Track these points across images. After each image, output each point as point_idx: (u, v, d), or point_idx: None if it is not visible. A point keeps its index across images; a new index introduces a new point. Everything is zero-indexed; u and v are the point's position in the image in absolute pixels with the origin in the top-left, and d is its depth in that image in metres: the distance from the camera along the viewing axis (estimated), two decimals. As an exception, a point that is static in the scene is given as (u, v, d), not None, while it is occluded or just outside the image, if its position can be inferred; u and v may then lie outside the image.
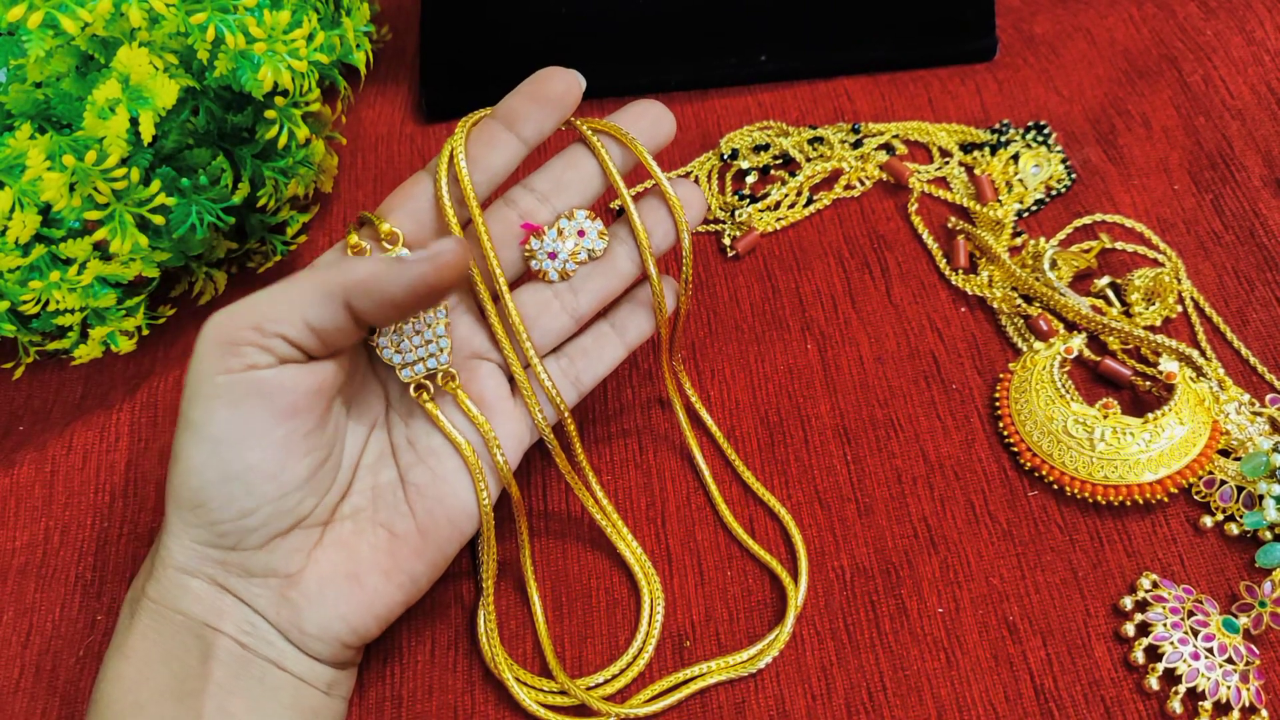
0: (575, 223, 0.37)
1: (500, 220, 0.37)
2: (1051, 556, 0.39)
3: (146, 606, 0.33)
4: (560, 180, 0.38)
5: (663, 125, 0.38)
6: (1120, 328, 0.43)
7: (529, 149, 0.37)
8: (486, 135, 0.36)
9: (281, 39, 0.40)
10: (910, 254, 0.48)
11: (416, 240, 0.36)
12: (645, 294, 0.39)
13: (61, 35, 0.38)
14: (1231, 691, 0.35)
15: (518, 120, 0.36)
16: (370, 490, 0.36)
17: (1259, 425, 0.40)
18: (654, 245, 0.38)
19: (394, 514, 0.35)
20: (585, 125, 0.38)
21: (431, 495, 0.36)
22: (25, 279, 0.40)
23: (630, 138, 0.37)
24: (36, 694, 0.38)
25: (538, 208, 0.38)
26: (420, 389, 0.36)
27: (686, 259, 0.38)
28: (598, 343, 0.39)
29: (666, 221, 0.38)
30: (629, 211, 0.37)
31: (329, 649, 0.34)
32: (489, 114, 0.37)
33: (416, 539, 0.35)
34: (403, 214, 0.36)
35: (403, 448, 0.36)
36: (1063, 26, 0.56)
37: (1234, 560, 0.38)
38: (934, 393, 0.43)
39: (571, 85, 0.36)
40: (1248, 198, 0.47)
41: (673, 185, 0.38)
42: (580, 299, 0.38)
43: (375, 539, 0.35)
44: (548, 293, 0.38)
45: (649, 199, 0.39)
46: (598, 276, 0.38)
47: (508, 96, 0.37)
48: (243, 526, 0.32)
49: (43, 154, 0.38)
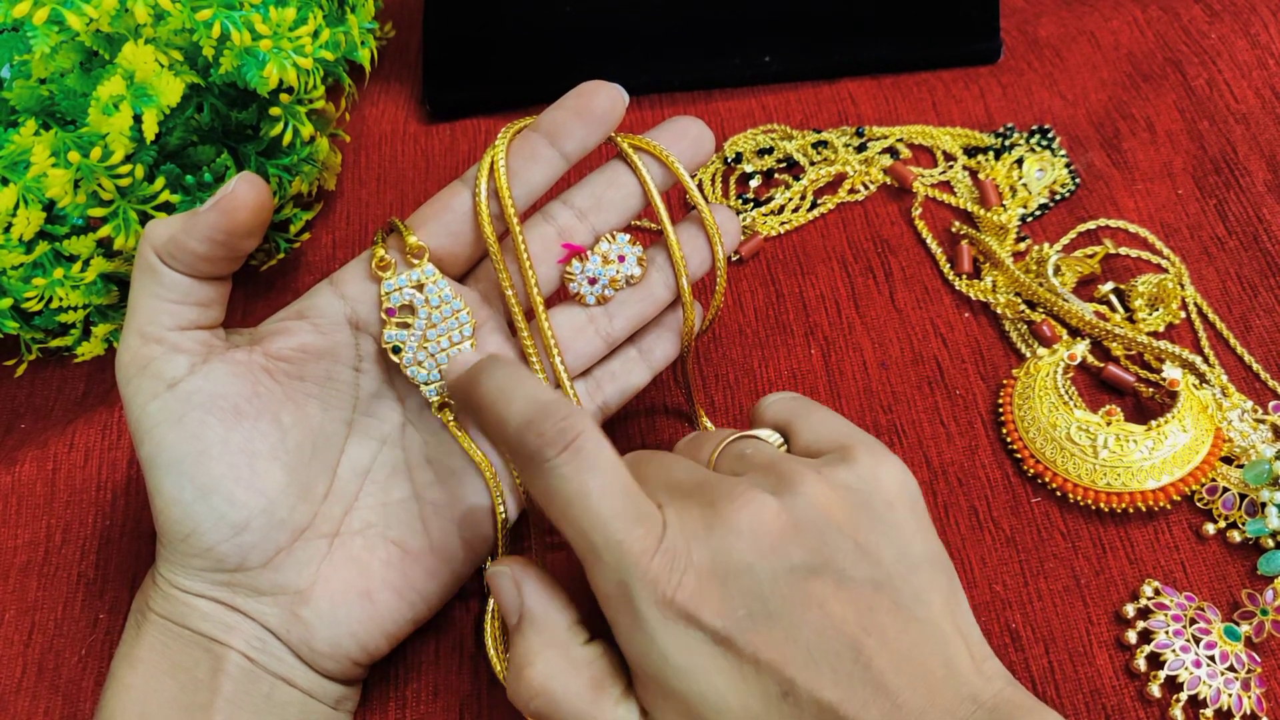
0: (616, 246, 0.37)
1: (537, 236, 0.37)
2: (1054, 563, 0.39)
3: (153, 620, 0.33)
4: (600, 198, 0.37)
5: (703, 146, 0.37)
6: (1123, 334, 0.43)
7: (569, 164, 0.36)
8: (528, 149, 0.36)
9: (287, 36, 0.40)
10: (914, 258, 0.48)
11: (450, 255, 0.36)
12: (672, 318, 0.39)
13: (66, 31, 0.38)
14: (1233, 699, 0.35)
15: (560, 135, 0.35)
16: (381, 506, 0.35)
17: (1262, 433, 0.40)
18: (689, 270, 0.37)
19: (407, 531, 0.35)
20: (626, 142, 0.37)
21: (447, 515, 0.35)
22: (29, 276, 0.40)
23: (673, 160, 0.36)
24: (39, 693, 0.38)
25: (576, 225, 0.37)
26: (444, 407, 0.36)
27: (719, 287, 0.38)
28: (625, 367, 0.39)
29: (702, 246, 0.38)
30: (669, 238, 0.37)
31: (339, 666, 0.34)
32: (530, 125, 0.36)
33: (430, 558, 0.35)
34: (437, 225, 0.35)
35: (420, 465, 0.36)
36: (1067, 30, 0.55)
37: (1236, 568, 0.38)
38: (937, 398, 0.43)
39: (616, 101, 0.36)
40: (1251, 203, 0.47)
41: (711, 210, 0.38)
42: (615, 324, 0.37)
43: (388, 555, 0.35)
44: (582, 316, 0.37)
45: (685, 223, 0.38)
46: (634, 302, 0.37)
47: (550, 109, 0.36)
48: (240, 545, 0.32)
49: (47, 150, 0.38)
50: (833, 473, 0.30)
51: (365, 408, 0.36)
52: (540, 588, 0.30)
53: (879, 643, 0.27)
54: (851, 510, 0.29)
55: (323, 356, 0.35)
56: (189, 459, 0.32)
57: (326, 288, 0.35)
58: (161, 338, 0.32)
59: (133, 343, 0.33)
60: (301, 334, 0.35)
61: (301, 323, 0.35)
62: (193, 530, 0.32)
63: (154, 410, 0.32)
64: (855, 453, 0.30)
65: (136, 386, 0.32)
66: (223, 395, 0.32)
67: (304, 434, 0.34)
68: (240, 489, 0.32)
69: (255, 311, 0.48)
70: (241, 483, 0.32)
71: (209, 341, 0.33)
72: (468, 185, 0.36)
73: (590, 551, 0.28)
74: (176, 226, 0.32)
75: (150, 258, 0.32)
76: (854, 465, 0.30)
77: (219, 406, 0.32)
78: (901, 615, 0.28)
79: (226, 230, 0.32)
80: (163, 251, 0.32)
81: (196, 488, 0.32)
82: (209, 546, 0.32)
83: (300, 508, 0.33)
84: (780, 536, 0.28)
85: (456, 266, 0.36)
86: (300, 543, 0.33)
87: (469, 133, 0.54)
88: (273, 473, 0.33)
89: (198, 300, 0.33)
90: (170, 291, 0.32)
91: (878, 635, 0.27)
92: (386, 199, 0.52)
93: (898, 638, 0.27)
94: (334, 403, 0.35)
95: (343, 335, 0.35)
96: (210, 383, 0.32)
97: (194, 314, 0.33)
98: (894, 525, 0.29)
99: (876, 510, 0.29)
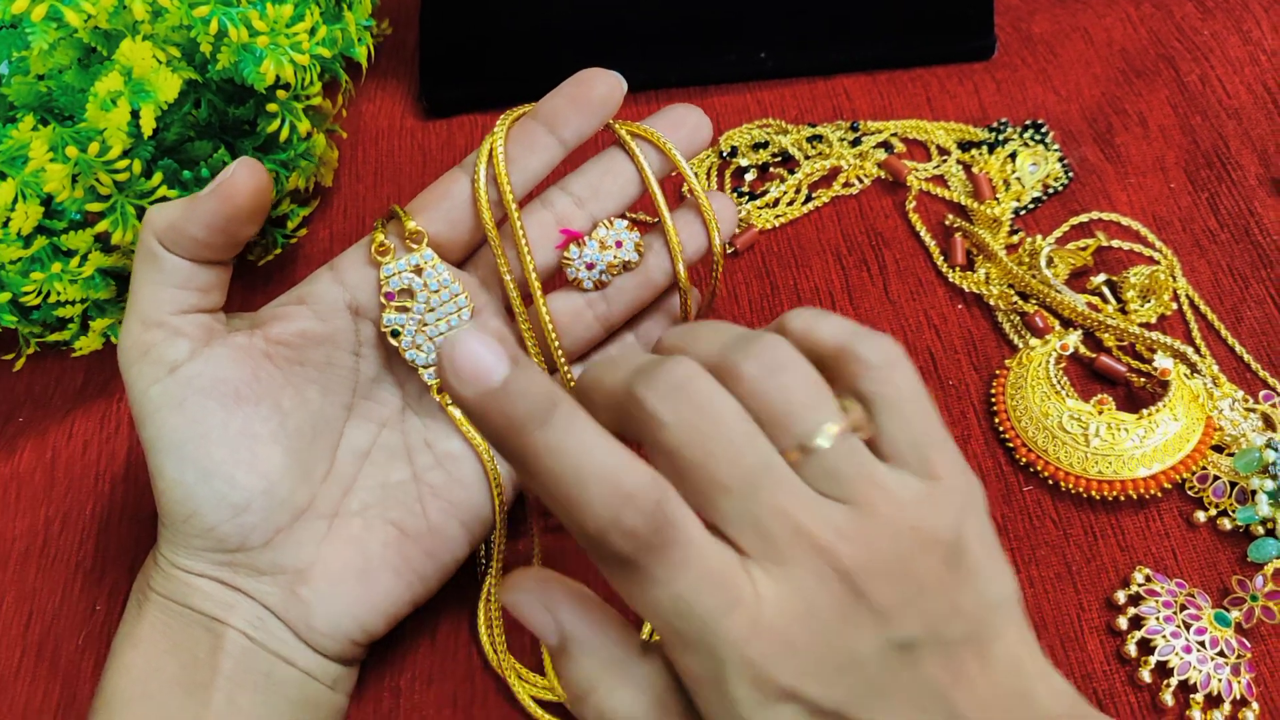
0: (614, 232, 0.37)
1: (536, 222, 0.37)
2: (1046, 551, 0.39)
3: (154, 600, 0.33)
4: (598, 186, 0.37)
5: (701, 133, 0.38)
6: (1116, 325, 0.43)
7: (567, 151, 0.36)
8: (526, 136, 0.36)
9: (284, 32, 0.40)
10: (908, 251, 0.48)
11: (449, 241, 0.36)
12: (669, 303, 0.39)
13: (64, 28, 0.38)
14: (1223, 684, 0.35)
15: (559, 123, 0.35)
16: (380, 488, 0.36)
17: (1252, 421, 0.41)
18: (686, 256, 0.38)
19: (406, 513, 0.35)
20: (624, 129, 0.37)
21: (446, 497, 0.36)
22: (27, 270, 0.40)
23: (670, 147, 0.37)
24: (38, 677, 0.38)
25: (574, 212, 0.37)
26: (443, 390, 0.36)
27: (716, 273, 0.38)
28: (622, 353, 0.39)
29: (699, 232, 0.38)
30: (666, 225, 0.37)
31: (338, 646, 0.34)
32: (529, 113, 0.36)
33: (428, 539, 0.35)
34: (436, 213, 0.36)
35: (419, 448, 0.36)
36: (1061, 26, 0.56)
37: (1226, 555, 0.39)
38: (931, 389, 0.43)
39: (614, 88, 0.36)
40: (1243, 197, 0.48)
41: (708, 197, 0.38)
42: (612, 309, 0.38)
43: (386, 536, 0.35)
44: (580, 301, 0.37)
45: (682, 210, 0.38)
46: (631, 288, 0.38)
47: (549, 96, 0.36)
48: (241, 526, 0.33)
49: (45, 146, 0.38)
50: (921, 512, 0.26)
51: (365, 392, 0.36)
52: (575, 604, 0.28)
53: (967, 693, 0.26)
54: (943, 565, 0.26)
55: (323, 342, 0.35)
56: (190, 442, 0.32)
57: (326, 273, 0.36)
58: (163, 322, 0.33)
59: (134, 328, 0.33)
60: (301, 319, 0.35)
61: (301, 308, 0.35)
62: (194, 512, 0.32)
63: (155, 394, 0.32)
64: (939, 470, 0.27)
65: (138, 371, 0.33)
66: (223, 379, 0.33)
67: (304, 418, 0.34)
68: (241, 471, 0.32)
69: (252, 305, 0.48)
70: (242, 465, 0.32)
71: (210, 326, 0.34)
72: (467, 172, 0.36)
73: (677, 637, 0.25)
74: (176, 212, 0.32)
75: (151, 244, 0.33)
76: (940, 498, 0.27)
77: (220, 390, 0.33)
78: (983, 656, 0.27)
79: (226, 215, 0.32)
80: (163, 237, 0.32)
81: (198, 470, 0.32)
82: (210, 527, 0.32)
83: (300, 489, 0.34)
84: (882, 612, 0.25)
85: (455, 252, 0.37)
86: (300, 523, 0.34)
87: (465, 129, 0.54)
88: (273, 455, 0.33)
89: (198, 285, 0.33)
90: (171, 277, 0.33)
91: (966, 685, 0.26)
92: (383, 194, 0.52)
93: (982, 680, 0.26)
94: (334, 387, 0.36)
95: (342, 321, 0.35)
96: (211, 367, 0.33)
97: (194, 299, 0.33)
98: (977, 570, 0.27)
99: (965, 557, 0.27)
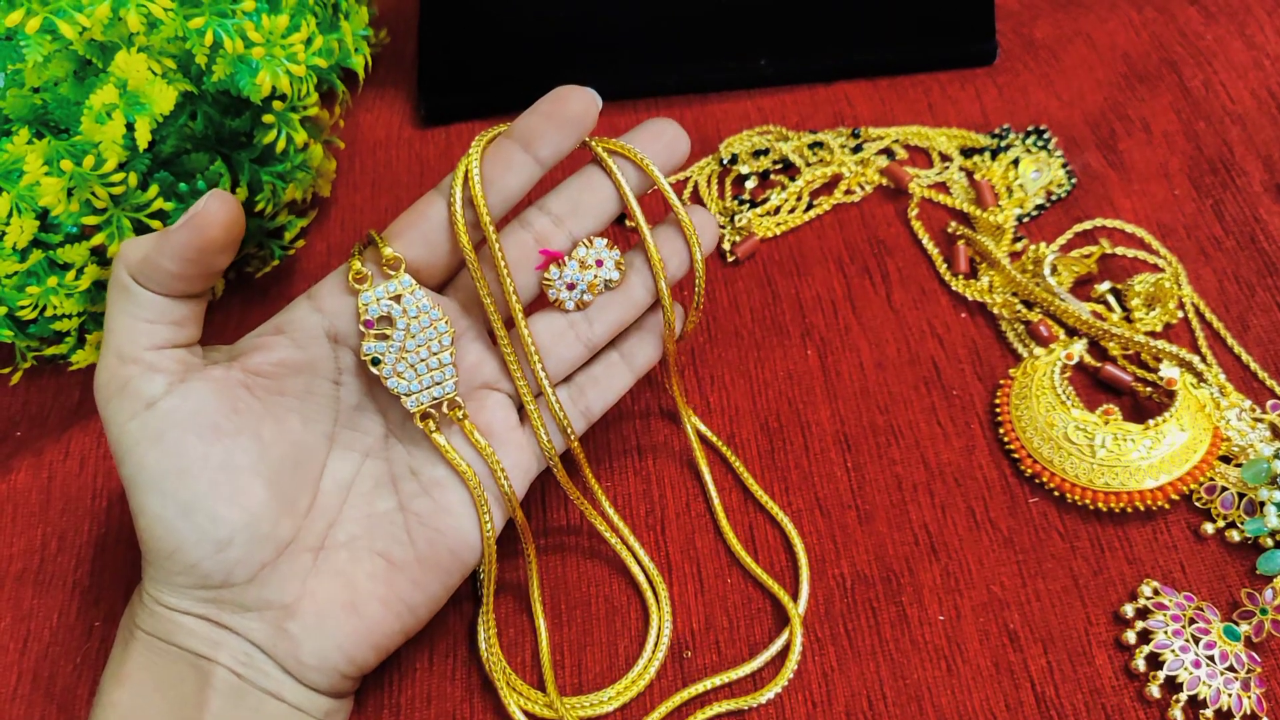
0: (594, 251, 0.36)
1: (515, 244, 0.36)
2: (1052, 564, 0.39)
3: (140, 638, 0.33)
4: (577, 203, 0.37)
5: (678, 146, 0.37)
6: (1121, 333, 0.43)
7: (545, 170, 0.36)
8: (503, 156, 0.35)
9: (280, 43, 0.40)
10: (910, 259, 0.47)
11: (427, 266, 0.35)
12: (653, 320, 0.39)
13: (59, 40, 0.38)
14: (1233, 699, 0.35)
15: (535, 141, 0.35)
16: (365, 518, 0.35)
17: (1260, 431, 0.40)
18: (668, 273, 0.37)
19: (392, 543, 0.35)
20: (601, 146, 0.37)
21: (433, 525, 0.35)
22: (23, 284, 0.40)
23: (647, 163, 0.36)
24: (34, 701, 0.38)
25: (553, 231, 0.37)
26: (426, 418, 0.35)
27: (699, 289, 0.38)
28: (607, 372, 0.38)
29: (681, 248, 0.37)
30: (646, 242, 0.36)
31: (327, 679, 0.34)
32: (504, 132, 0.36)
33: (416, 569, 0.35)
34: (414, 235, 0.35)
35: (404, 477, 0.36)
36: (1063, 31, 0.55)
37: (1235, 567, 0.38)
38: (934, 399, 0.43)
39: (590, 105, 0.35)
40: (1248, 203, 0.47)
41: (688, 212, 0.37)
42: (595, 328, 0.37)
43: (373, 568, 0.34)
44: (563, 321, 0.37)
45: (664, 226, 0.38)
46: (614, 307, 0.37)
47: (524, 115, 0.35)
48: (224, 561, 0.32)
49: (40, 159, 0.38)
50: None
51: (347, 421, 0.36)
52: None
53: None
54: None
55: (301, 371, 0.35)
56: (170, 477, 0.32)
57: (304, 302, 0.35)
58: (138, 357, 0.32)
59: (110, 363, 0.33)
60: (279, 349, 0.35)
61: (279, 338, 0.35)
62: (176, 547, 0.32)
63: (133, 429, 0.32)
64: None
65: (116, 407, 0.32)
66: (201, 412, 0.32)
67: (285, 448, 0.34)
68: (222, 505, 0.32)
69: (251, 317, 0.48)
70: (223, 499, 0.32)
71: (186, 360, 0.33)
72: (443, 194, 0.35)
73: None
74: (149, 246, 0.32)
75: (124, 278, 0.32)
76: None
77: (198, 424, 0.32)
78: None
79: (198, 248, 0.32)
80: (136, 271, 0.32)
81: (178, 505, 0.32)
82: (193, 563, 0.32)
83: (283, 522, 0.33)
84: None
85: (435, 276, 0.36)
86: (284, 557, 0.33)
87: (464, 138, 0.54)
88: (254, 488, 0.33)
89: (173, 319, 0.33)
90: (145, 311, 0.33)
91: None
92: (381, 205, 0.52)
93: None
94: (315, 416, 0.35)
95: (321, 349, 0.35)
96: (188, 401, 0.32)
97: (169, 333, 0.33)
98: None
99: None
